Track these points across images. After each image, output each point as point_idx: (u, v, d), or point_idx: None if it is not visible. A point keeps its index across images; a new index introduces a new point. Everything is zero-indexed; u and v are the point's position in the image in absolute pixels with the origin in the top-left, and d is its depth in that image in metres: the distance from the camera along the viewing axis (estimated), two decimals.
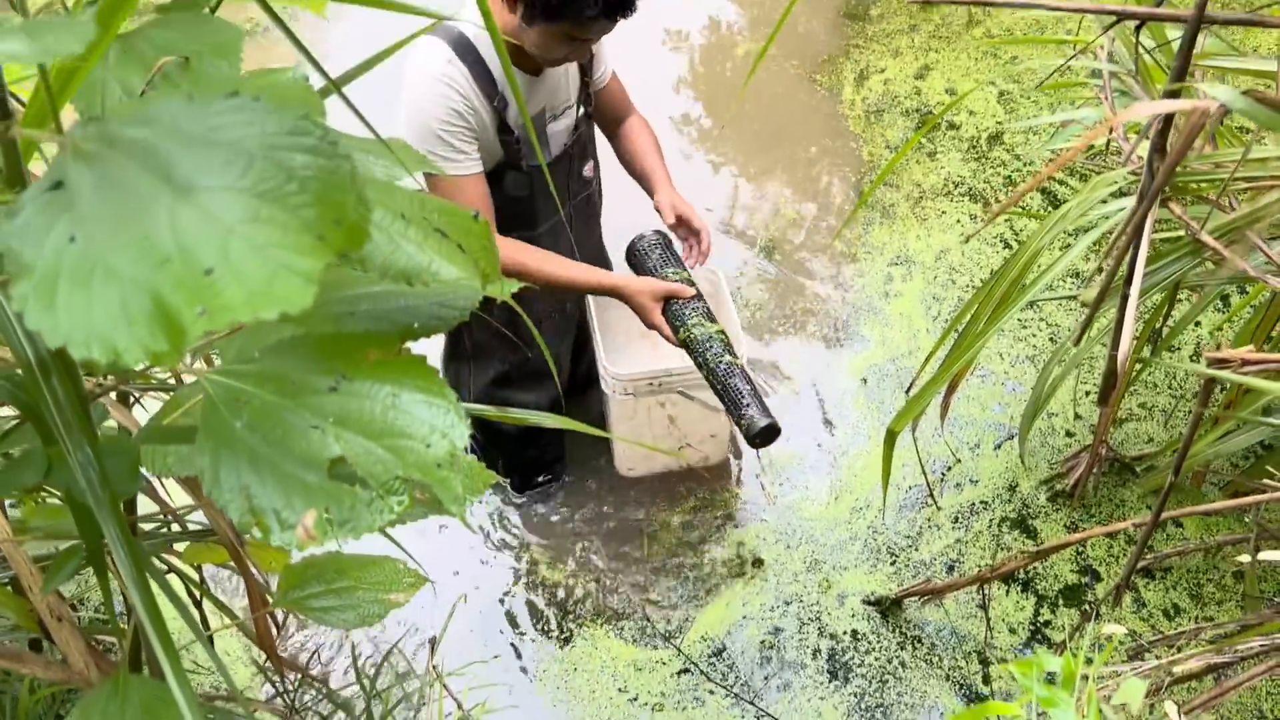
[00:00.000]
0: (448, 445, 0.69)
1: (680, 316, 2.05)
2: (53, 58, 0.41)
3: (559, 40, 1.80)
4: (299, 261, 0.45)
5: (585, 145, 2.18)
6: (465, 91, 1.83)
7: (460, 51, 1.83)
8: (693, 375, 2.33)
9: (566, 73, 2.03)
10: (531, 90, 1.95)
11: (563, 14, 1.72)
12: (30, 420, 0.76)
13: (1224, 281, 1.93)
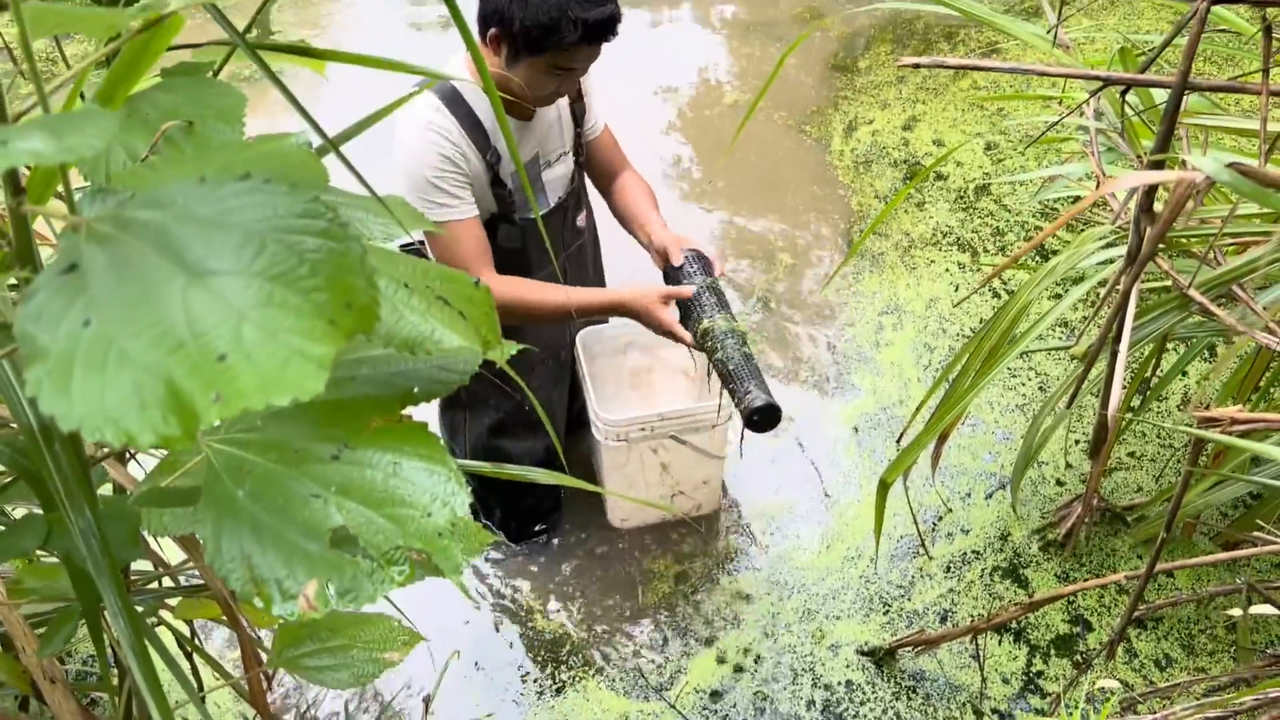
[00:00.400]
0: (448, 514, 0.69)
1: (701, 308, 2.04)
2: (75, 156, 0.42)
3: (545, 73, 1.82)
4: (312, 348, 0.46)
5: (579, 195, 2.20)
6: (455, 139, 1.85)
7: (449, 103, 1.86)
8: (685, 419, 2.34)
9: (559, 120, 2.06)
10: (523, 137, 1.97)
11: (544, 44, 1.74)
12: (31, 485, 0.76)
13: (1211, 334, 1.95)
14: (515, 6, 1.72)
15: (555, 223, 2.13)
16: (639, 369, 2.70)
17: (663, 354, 2.67)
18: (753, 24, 4.76)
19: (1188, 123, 1.69)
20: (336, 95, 3.90)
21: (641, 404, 2.70)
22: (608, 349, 2.64)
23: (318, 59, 1.05)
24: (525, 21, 1.72)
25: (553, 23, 1.71)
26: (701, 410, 2.35)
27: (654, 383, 2.73)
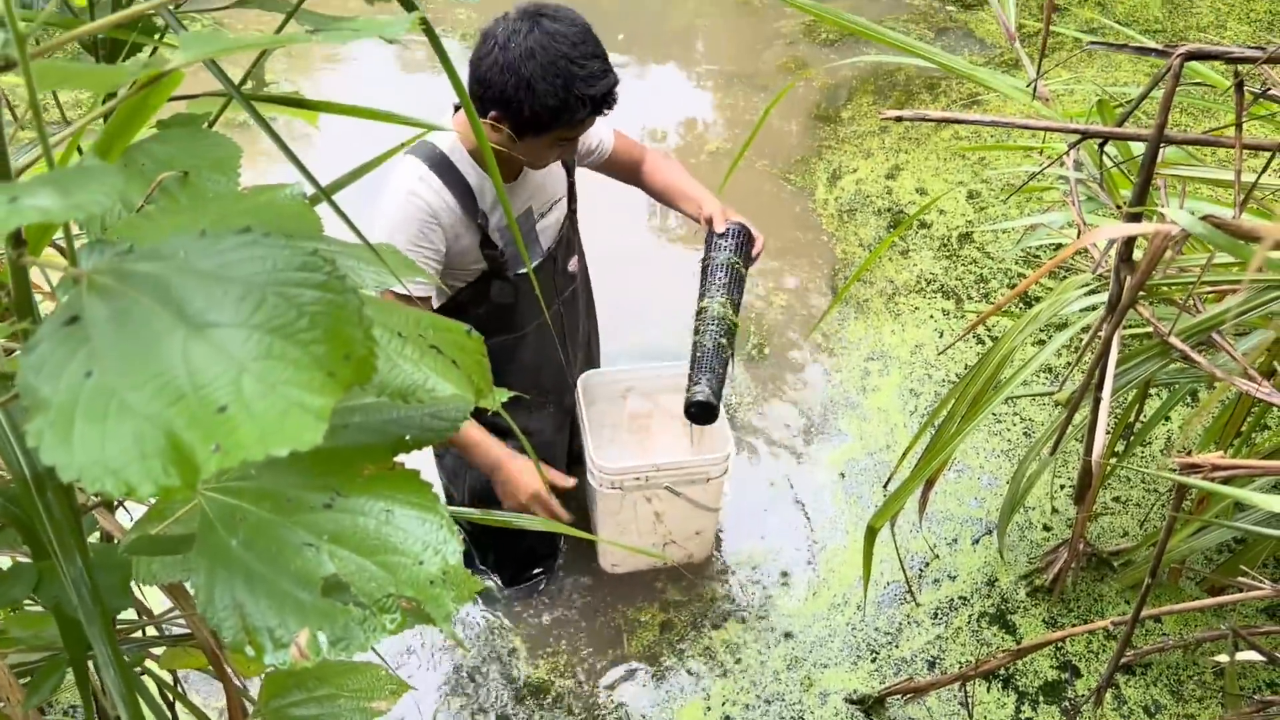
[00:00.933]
0: (440, 562, 0.70)
1: (710, 285, 2.04)
2: (83, 213, 0.43)
3: (549, 147, 1.85)
4: (310, 399, 0.46)
5: (569, 241, 2.22)
6: (437, 209, 1.85)
7: (436, 167, 1.86)
8: (681, 471, 2.33)
9: (550, 170, 2.08)
10: (514, 193, 1.99)
11: (554, 124, 1.77)
12: (22, 533, 0.76)
13: (1192, 380, 1.97)
14: (522, 94, 1.73)
15: (547, 272, 2.14)
16: (638, 414, 2.71)
17: (663, 400, 2.68)
18: (736, 75, 4.83)
19: (1165, 173, 1.72)
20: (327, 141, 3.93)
21: (639, 449, 2.70)
22: (608, 393, 2.65)
23: (310, 110, 1.07)
24: (534, 107, 1.73)
25: (561, 104, 1.74)
26: (697, 463, 2.35)
27: (652, 428, 2.73)
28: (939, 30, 5.11)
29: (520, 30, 1.72)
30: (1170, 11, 5.12)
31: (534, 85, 1.72)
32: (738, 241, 2.07)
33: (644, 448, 2.73)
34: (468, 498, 2.38)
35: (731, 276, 2.04)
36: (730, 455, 2.35)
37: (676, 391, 2.67)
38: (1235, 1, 5.18)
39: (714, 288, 2.03)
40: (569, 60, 1.72)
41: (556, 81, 1.72)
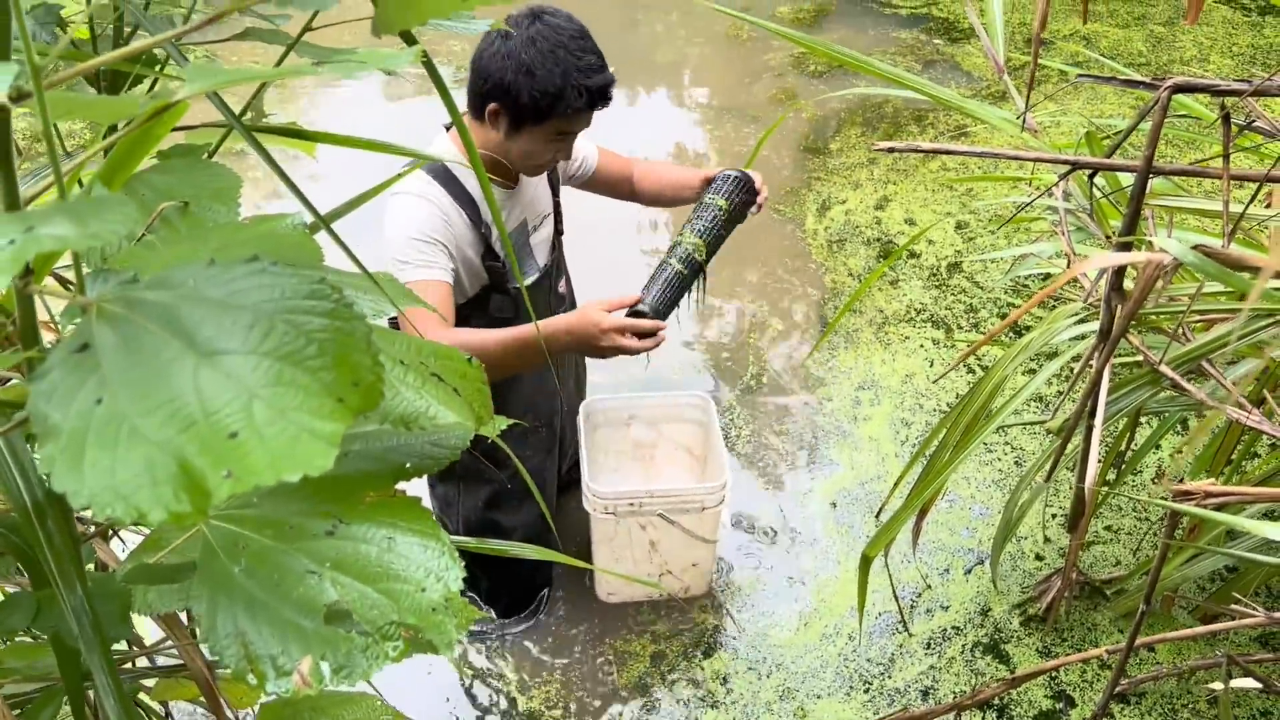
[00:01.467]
0: (443, 589, 0.70)
1: (694, 220, 2.05)
2: (100, 242, 0.43)
3: (548, 140, 1.88)
4: (320, 425, 0.47)
5: (559, 262, 2.25)
6: (446, 210, 1.90)
7: (440, 178, 1.90)
8: (674, 498, 2.33)
9: (543, 180, 2.12)
10: (510, 203, 2.02)
11: (551, 112, 1.81)
12: (22, 562, 0.76)
13: (1183, 408, 1.99)
14: (522, 80, 1.78)
15: (542, 290, 2.17)
16: (642, 442, 2.71)
17: (667, 429, 2.68)
18: (726, 106, 4.87)
19: (1153, 204, 1.75)
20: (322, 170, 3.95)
21: (643, 477, 2.70)
22: (611, 419, 2.65)
23: (308, 140, 1.08)
24: (533, 92, 1.79)
25: (559, 91, 1.78)
26: (691, 491, 2.35)
27: (656, 457, 2.73)
28: (926, 63, 5.17)
29: (522, 23, 1.79)
30: (1154, 45, 5.19)
31: (534, 70, 1.77)
32: (724, 183, 2.09)
33: (648, 476, 2.73)
34: (462, 528, 2.37)
35: (712, 216, 2.05)
36: (726, 486, 2.35)
37: (681, 421, 2.67)
38: (1218, 36, 5.26)
39: (690, 224, 2.05)
40: (568, 50, 1.79)
41: (555, 69, 1.77)
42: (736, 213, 2.09)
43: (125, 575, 0.83)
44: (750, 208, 2.15)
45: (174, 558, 0.89)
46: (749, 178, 2.11)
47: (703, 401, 2.60)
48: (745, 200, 2.11)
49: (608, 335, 1.81)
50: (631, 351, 1.85)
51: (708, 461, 2.51)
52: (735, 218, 2.09)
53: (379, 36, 0.58)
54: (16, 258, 0.41)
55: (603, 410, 2.62)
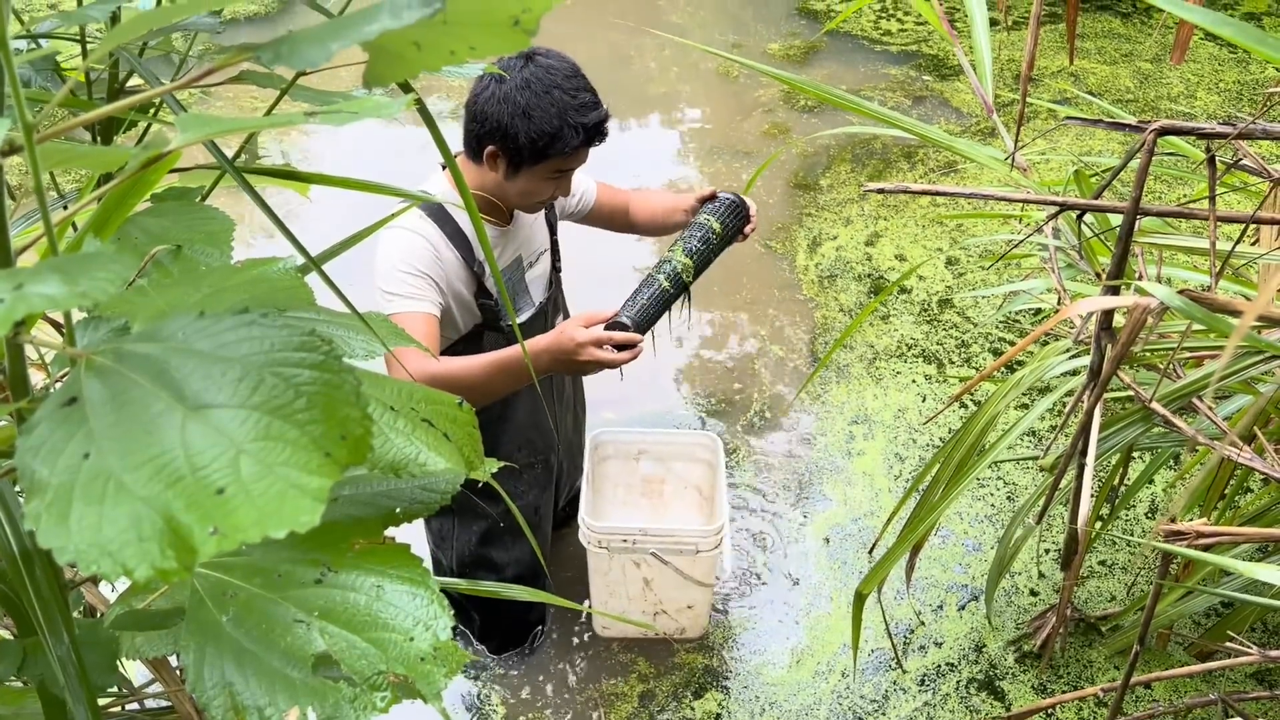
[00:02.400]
0: (431, 638, 0.69)
1: (680, 240, 2.04)
2: (90, 301, 0.43)
3: (546, 179, 1.90)
4: (308, 480, 0.47)
5: (557, 299, 2.25)
6: (437, 246, 1.90)
7: (434, 216, 1.90)
8: (668, 538, 2.32)
9: (536, 218, 2.12)
10: (504, 241, 2.02)
11: (549, 152, 1.82)
12: (8, 610, 0.75)
13: (1175, 445, 1.99)
14: (519, 122, 1.80)
15: (537, 327, 2.16)
16: (651, 478, 2.70)
17: (676, 467, 2.67)
18: (717, 142, 4.90)
19: (1142, 241, 1.76)
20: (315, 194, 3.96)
21: (651, 513, 2.69)
22: (621, 452, 2.65)
23: (302, 181, 1.08)
24: (530, 133, 1.80)
25: (556, 131, 1.80)
26: (685, 532, 2.33)
27: (665, 493, 2.72)
28: (916, 99, 5.22)
29: (515, 66, 1.81)
30: (1140, 82, 5.25)
31: (530, 112, 1.79)
32: (720, 206, 2.09)
33: (656, 513, 2.72)
34: (456, 563, 2.36)
35: (704, 236, 2.04)
36: (723, 530, 2.33)
37: (691, 460, 2.66)
38: (1204, 72, 5.32)
39: (681, 241, 2.04)
40: (563, 90, 1.80)
41: (551, 109, 1.79)
42: (729, 237, 2.09)
43: (113, 621, 0.82)
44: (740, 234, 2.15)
45: (163, 602, 0.88)
46: (744, 203, 2.12)
47: (711, 442, 2.59)
48: (738, 226, 2.11)
49: (585, 349, 1.79)
50: (608, 364, 1.82)
51: (714, 503, 2.51)
52: (726, 241, 2.09)
53: (370, 89, 0.59)
54: (6, 317, 0.41)
55: (612, 442, 2.62)
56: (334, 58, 0.53)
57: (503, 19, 0.54)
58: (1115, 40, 5.70)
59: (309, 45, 0.50)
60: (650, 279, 1.97)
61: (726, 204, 2.10)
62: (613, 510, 2.72)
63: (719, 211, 2.08)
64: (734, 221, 2.10)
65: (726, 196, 2.11)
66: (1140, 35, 5.75)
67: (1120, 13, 6.03)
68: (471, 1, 0.52)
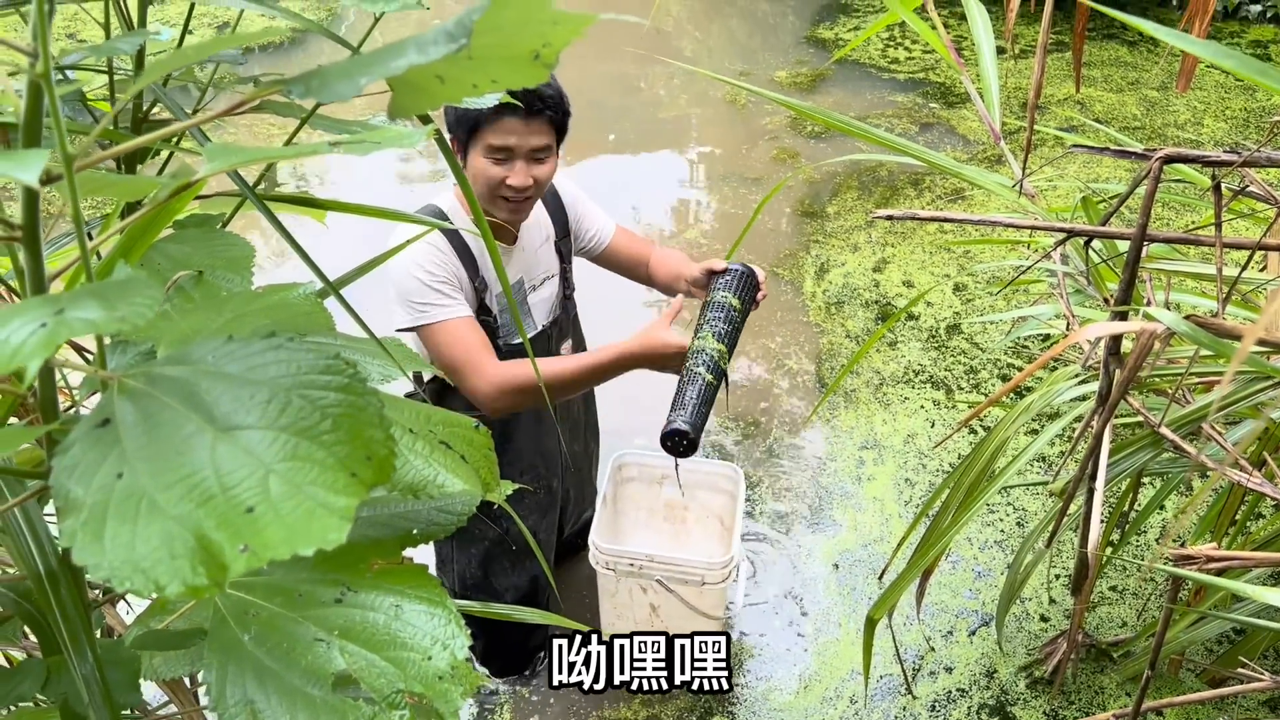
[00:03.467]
0: (449, 657, 0.70)
1: (704, 323, 2.02)
2: (129, 325, 0.45)
3: (488, 160, 1.86)
4: (334, 500, 0.48)
5: (564, 325, 2.26)
6: (447, 252, 1.92)
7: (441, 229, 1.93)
8: (673, 567, 2.31)
9: (547, 243, 2.14)
10: (509, 261, 2.04)
11: (476, 121, 1.81)
12: (33, 629, 0.76)
13: (1185, 469, 1.99)
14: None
15: (540, 348, 2.18)
16: (674, 504, 2.69)
17: (700, 495, 2.66)
18: (725, 168, 4.94)
19: (1149, 267, 1.77)
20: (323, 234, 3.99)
21: (673, 538, 2.69)
22: (644, 475, 2.65)
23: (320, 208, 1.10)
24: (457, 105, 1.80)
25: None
26: (690, 563, 2.31)
27: (688, 520, 2.71)
28: (923, 125, 5.25)
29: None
30: (1147, 109, 5.28)
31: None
32: (734, 280, 2.06)
33: (678, 539, 2.71)
34: (457, 585, 2.37)
35: (728, 317, 2.01)
36: (732, 565, 2.31)
37: (714, 490, 2.65)
38: (1210, 100, 5.35)
39: (708, 325, 2.01)
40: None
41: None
42: (746, 310, 2.08)
43: (134, 641, 0.83)
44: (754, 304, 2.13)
45: (181, 623, 0.89)
46: (755, 273, 2.09)
47: (733, 473, 2.57)
48: (752, 296, 2.09)
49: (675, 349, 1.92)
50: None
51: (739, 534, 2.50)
52: (745, 315, 2.08)
53: (393, 120, 0.61)
54: (48, 341, 0.43)
55: (637, 465, 2.62)
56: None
57: (524, 53, 0.56)
58: (1121, 68, 5.74)
59: (339, 80, 0.52)
60: (691, 375, 1.95)
61: (739, 276, 2.06)
62: (634, 532, 2.72)
63: (734, 286, 2.05)
64: (749, 294, 2.07)
65: (736, 268, 2.07)
66: (1146, 63, 5.79)
67: (1127, 41, 6.07)
68: (494, 36, 0.53)
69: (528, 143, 1.86)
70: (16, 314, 0.46)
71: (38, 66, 0.47)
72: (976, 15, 1.72)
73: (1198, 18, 1.56)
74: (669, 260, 2.29)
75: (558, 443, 2.33)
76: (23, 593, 0.77)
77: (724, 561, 2.30)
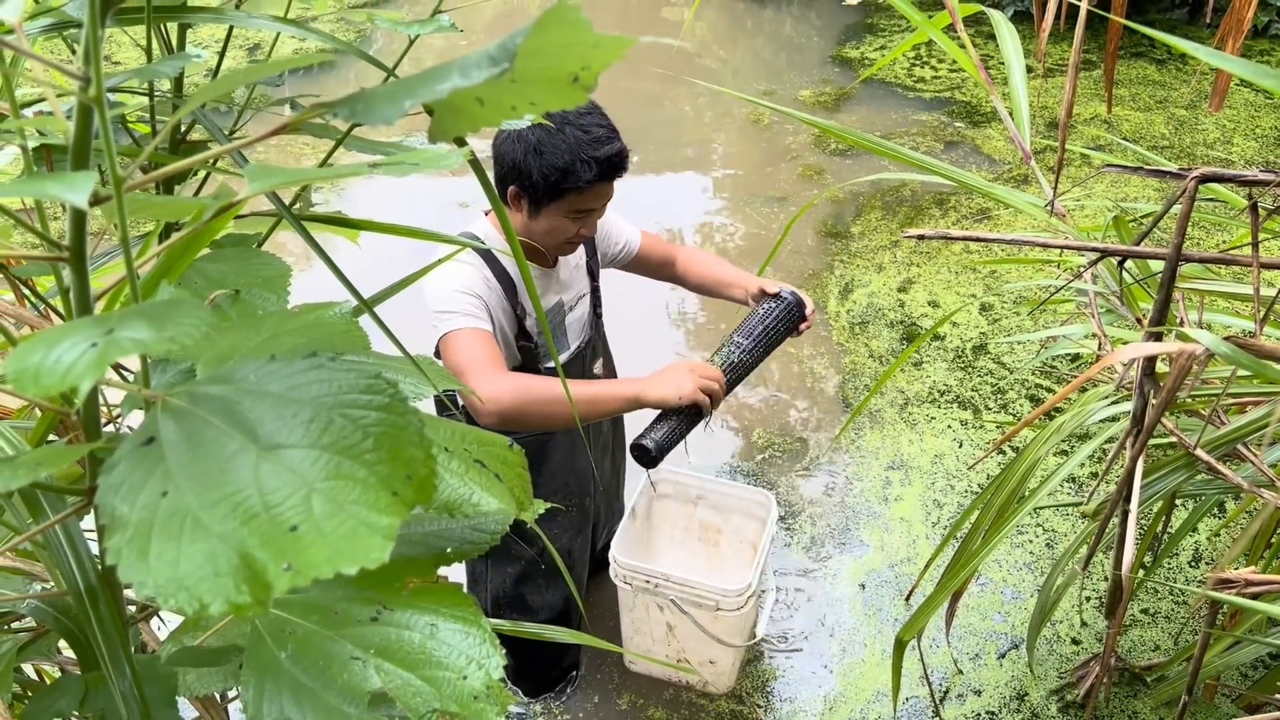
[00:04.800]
0: (484, 677, 0.70)
1: (722, 347, 2.08)
2: (178, 345, 0.45)
3: (566, 218, 1.88)
4: (377, 519, 0.48)
5: (595, 344, 2.26)
6: (487, 277, 1.92)
7: (479, 254, 1.93)
8: (688, 589, 2.28)
9: (577, 264, 2.14)
10: (547, 285, 2.05)
11: (562, 187, 1.81)
12: (72, 646, 0.77)
13: (1219, 492, 1.97)
14: (531, 159, 1.80)
15: (574, 370, 2.19)
16: (708, 525, 2.68)
17: (733, 520, 2.64)
18: (749, 187, 4.94)
19: (1183, 287, 1.75)
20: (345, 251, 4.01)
21: (706, 560, 2.67)
22: (680, 494, 2.64)
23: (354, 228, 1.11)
24: (543, 169, 1.80)
25: (568, 166, 1.79)
26: (704, 587, 2.27)
27: (721, 544, 2.69)
28: (947, 144, 5.24)
29: None
30: (1176, 128, 5.24)
31: (541, 148, 1.79)
32: (777, 310, 2.11)
33: (710, 561, 2.69)
34: (489, 605, 2.37)
35: (746, 344, 2.07)
36: (750, 593, 2.27)
37: (747, 516, 2.62)
38: (1240, 118, 5.31)
39: (723, 349, 2.07)
40: (574, 125, 1.80)
41: (562, 144, 1.78)
42: (781, 337, 2.14)
43: (170, 658, 0.84)
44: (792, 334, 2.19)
45: (215, 640, 0.90)
46: (803, 303, 2.14)
47: (765, 500, 2.54)
48: (795, 325, 2.16)
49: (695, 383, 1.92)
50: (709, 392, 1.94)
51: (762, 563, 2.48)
52: (778, 343, 2.14)
53: (434, 143, 0.61)
54: (100, 362, 0.43)
55: (672, 482, 2.61)
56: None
57: (563, 76, 0.56)
58: (1150, 86, 5.71)
59: (383, 103, 0.52)
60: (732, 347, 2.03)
61: (785, 307, 2.13)
62: (667, 550, 2.71)
63: (774, 315, 2.11)
64: (788, 323, 2.14)
65: (786, 298, 2.13)
66: (1175, 81, 5.76)
67: (1155, 59, 6.04)
68: (534, 59, 0.54)
69: (608, 199, 1.93)
70: (66, 334, 0.46)
71: (90, 91, 0.48)
72: (1006, 35, 1.72)
73: (1231, 35, 1.55)
74: (703, 262, 2.32)
75: (589, 461, 2.33)
76: (61, 608, 0.78)
77: (740, 589, 2.25)
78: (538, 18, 0.51)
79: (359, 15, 1.13)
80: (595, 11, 6.31)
